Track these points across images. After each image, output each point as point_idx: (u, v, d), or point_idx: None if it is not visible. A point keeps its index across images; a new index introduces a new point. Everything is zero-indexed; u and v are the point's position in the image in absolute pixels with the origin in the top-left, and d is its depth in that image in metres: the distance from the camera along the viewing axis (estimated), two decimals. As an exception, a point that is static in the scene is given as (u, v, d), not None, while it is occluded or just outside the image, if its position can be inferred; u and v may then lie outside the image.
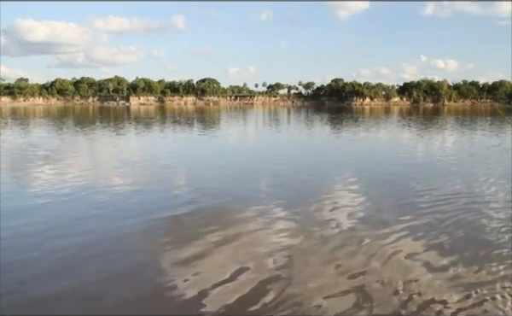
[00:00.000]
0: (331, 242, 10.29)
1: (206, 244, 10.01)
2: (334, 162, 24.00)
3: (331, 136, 42.93)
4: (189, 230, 11.08)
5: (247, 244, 10.14)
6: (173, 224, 11.67)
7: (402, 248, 9.97)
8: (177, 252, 9.56)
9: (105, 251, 9.68)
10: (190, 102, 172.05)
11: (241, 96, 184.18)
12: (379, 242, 10.32)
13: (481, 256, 9.52)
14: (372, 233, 10.95)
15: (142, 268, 8.82)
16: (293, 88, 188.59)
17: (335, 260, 9.14)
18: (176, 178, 18.48)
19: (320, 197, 14.74)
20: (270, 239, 10.46)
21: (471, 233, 11.18)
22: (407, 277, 8.32)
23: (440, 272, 8.66)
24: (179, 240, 10.29)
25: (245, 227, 11.37)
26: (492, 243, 10.33)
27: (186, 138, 38.67)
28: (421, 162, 24.25)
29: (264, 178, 18.30)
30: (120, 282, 8.23)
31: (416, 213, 12.83)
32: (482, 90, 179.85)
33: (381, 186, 16.98)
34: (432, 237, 10.77)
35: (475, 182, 18.01)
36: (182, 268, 8.67)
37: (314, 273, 8.48)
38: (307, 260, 9.13)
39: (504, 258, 9.35)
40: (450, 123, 62.63)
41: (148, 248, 9.93)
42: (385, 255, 9.41)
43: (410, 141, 38.00)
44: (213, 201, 14.11)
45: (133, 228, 11.30)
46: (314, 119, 70.17)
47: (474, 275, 8.48)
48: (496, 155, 27.80)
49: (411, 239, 10.58)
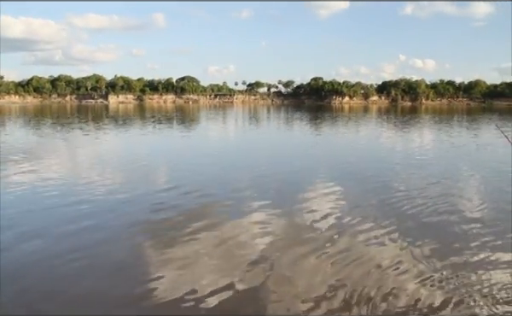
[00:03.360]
0: (313, 242, 10.29)
1: (187, 245, 9.93)
2: (315, 161, 24.07)
3: (311, 134, 43.05)
4: (170, 231, 10.95)
5: (229, 244, 10.09)
6: (153, 224, 11.53)
7: (381, 247, 10.08)
8: (157, 252, 9.48)
9: (86, 254, 9.48)
10: (170, 100, 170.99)
11: (221, 94, 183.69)
12: (359, 240, 10.42)
13: (460, 253, 9.64)
14: (353, 232, 11.05)
15: (124, 269, 8.71)
16: (273, 86, 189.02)
17: (314, 263, 9.11)
18: (156, 178, 18.36)
19: (302, 197, 14.77)
20: (251, 240, 10.44)
21: (451, 231, 11.36)
22: (386, 277, 8.40)
23: (416, 275, 8.71)
24: (159, 240, 10.20)
25: (226, 227, 11.32)
26: (472, 243, 10.48)
27: (166, 137, 38.52)
28: (399, 161, 24.48)
29: (245, 177, 18.23)
30: (101, 284, 8.08)
31: (395, 212, 13.01)
32: (458, 89, 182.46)
33: (361, 183, 17.19)
34: (409, 234, 10.86)
35: (452, 179, 18.40)
36: (163, 269, 8.57)
37: (296, 273, 8.51)
38: (288, 261, 9.12)
39: (485, 254, 9.57)
40: (428, 121, 63.40)
41: (129, 249, 9.80)
42: (364, 255, 9.48)
43: (389, 139, 38.43)
44: (194, 200, 14.01)
45: (113, 229, 11.17)
46: (294, 118, 70.33)
47: (454, 273, 8.57)
48: (471, 152, 28.40)
49: (391, 237, 10.67)
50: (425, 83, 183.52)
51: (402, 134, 43.32)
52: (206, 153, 27.55)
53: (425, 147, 32.80)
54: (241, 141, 38.00)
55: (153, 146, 31.05)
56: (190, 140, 36.56)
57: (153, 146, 31.05)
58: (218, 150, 29.25)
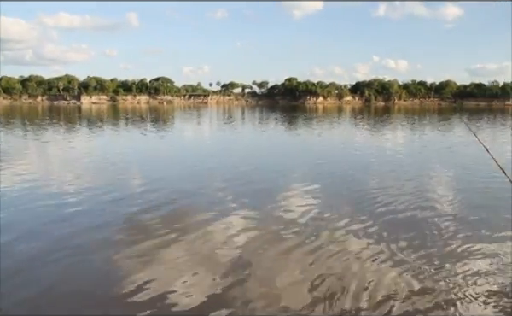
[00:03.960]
0: (291, 239, 10.40)
1: (165, 246, 9.85)
2: (292, 161, 24.19)
3: (286, 135, 43.18)
4: (146, 232, 10.80)
5: (207, 244, 10.07)
6: (129, 226, 11.35)
7: (355, 244, 10.24)
8: (133, 254, 9.37)
9: (60, 256, 9.30)
10: (144, 101, 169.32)
11: (196, 95, 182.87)
12: (337, 236, 10.59)
13: (433, 248, 9.89)
14: (330, 228, 11.21)
15: (98, 271, 8.63)
16: (248, 87, 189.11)
17: (294, 260, 9.22)
18: (132, 180, 18.06)
19: (279, 195, 14.83)
20: (229, 239, 10.42)
21: (425, 225, 11.61)
22: (363, 274, 8.54)
23: (393, 266, 8.95)
24: (135, 242, 10.07)
25: (204, 228, 11.24)
26: (445, 235, 10.84)
27: (141, 138, 38.04)
28: (373, 159, 24.78)
29: (221, 177, 18.14)
30: (77, 286, 7.97)
31: (371, 208, 13.28)
32: (430, 89, 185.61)
33: (337, 181, 17.49)
34: (386, 229, 11.13)
35: (425, 176, 18.81)
36: (137, 271, 8.46)
37: (273, 273, 8.53)
38: (265, 260, 9.18)
39: (457, 250, 9.82)
40: (401, 121, 64.33)
41: (102, 251, 9.64)
42: (343, 250, 9.65)
43: (363, 138, 38.89)
44: (170, 202, 13.86)
45: (87, 231, 10.95)
46: (268, 118, 70.47)
47: (430, 263, 8.83)
48: (442, 150, 28.97)
49: (365, 235, 10.84)
50: (397, 83, 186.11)
51: (376, 134, 43.85)
52: (182, 154, 27.48)
53: (398, 146, 33.32)
54: (217, 142, 37.81)
55: (128, 148, 30.60)
56: (165, 142, 36.22)
57: (128, 148, 30.60)
58: (194, 152, 29.14)
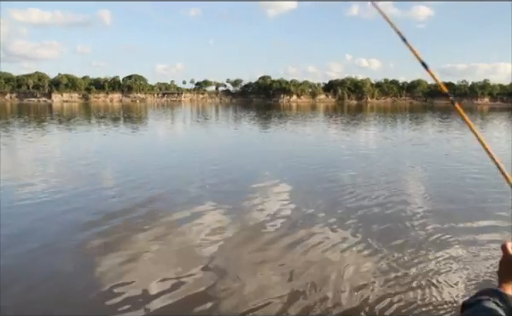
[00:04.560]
0: (264, 236, 10.42)
1: (137, 248, 9.63)
2: (265, 158, 24.25)
3: (260, 133, 43.18)
4: (119, 233, 10.59)
5: (179, 244, 9.97)
6: (101, 226, 11.05)
7: (331, 236, 10.43)
8: (105, 257, 9.13)
9: (28, 259, 9.04)
10: (116, 99, 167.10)
11: (169, 93, 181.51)
12: (311, 232, 10.65)
13: (407, 239, 10.18)
14: (305, 224, 11.30)
15: (69, 273, 8.41)
16: (222, 85, 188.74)
17: (270, 254, 9.27)
18: (104, 179, 17.60)
19: (252, 193, 14.79)
20: (201, 239, 10.29)
21: (396, 224, 11.81)
22: (338, 270, 8.72)
23: (369, 256, 9.21)
24: (108, 244, 9.84)
25: (178, 226, 11.17)
26: (417, 233, 11.07)
27: (114, 137, 37.51)
28: (347, 156, 25.05)
29: (195, 176, 17.90)
30: (48, 288, 7.76)
31: (345, 204, 13.47)
32: (402, 88, 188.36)
33: (310, 178, 17.61)
34: (359, 224, 11.34)
35: (397, 172, 19.29)
36: (110, 273, 8.28)
37: (250, 269, 8.56)
38: (241, 256, 9.20)
39: (428, 245, 10.11)
40: (374, 119, 65.14)
41: (74, 252, 9.41)
42: (316, 247, 9.70)
43: (336, 136, 39.24)
44: (142, 201, 13.54)
45: (57, 232, 10.69)
46: (242, 117, 70.40)
47: (399, 263, 9.03)
48: (414, 147, 29.52)
49: (341, 228, 11.02)
50: (370, 82, 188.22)
51: (349, 131, 44.28)
52: (155, 153, 27.23)
53: (371, 143, 33.77)
54: (190, 140, 37.61)
55: (101, 146, 30.17)
56: (138, 140, 35.81)
57: (101, 146, 30.17)
58: (167, 150, 28.90)
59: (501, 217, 11.82)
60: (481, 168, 18.73)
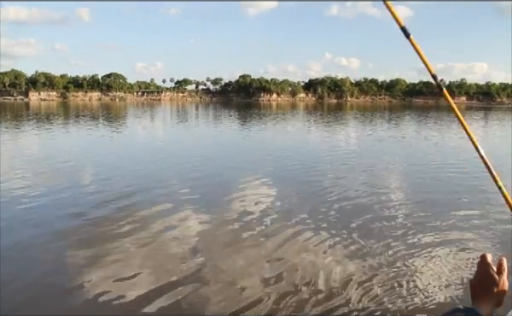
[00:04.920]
0: (244, 234, 10.41)
1: (117, 246, 9.51)
2: (244, 157, 24.26)
3: (240, 131, 43.14)
4: (99, 232, 10.44)
5: (161, 243, 9.87)
6: (80, 226, 10.88)
7: (311, 232, 10.51)
8: (85, 254, 9.01)
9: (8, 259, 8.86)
10: (95, 97, 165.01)
11: (149, 91, 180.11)
12: (291, 228, 10.70)
13: (387, 234, 10.36)
14: (284, 221, 11.33)
15: (50, 274, 8.25)
16: (202, 84, 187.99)
17: (249, 251, 9.29)
18: (83, 179, 17.24)
19: (232, 191, 14.72)
20: (183, 238, 10.23)
21: (376, 215, 12.04)
22: (320, 260, 8.87)
23: (348, 251, 9.33)
24: (88, 243, 9.67)
25: (157, 224, 11.04)
26: (394, 229, 11.20)
27: (93, 136, 37.10)
28: (327, 153, 25.22)
29: (175, 175, 17.86)
30: (26, 290, 7.57)
31: (324, 200, 13.58)
32: (381, 87, 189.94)
33: (291, 176, 17.78)
34: (339, 219, 11.55)
35: (377, 168, 19.59)
36: (91, 271, 8.15)
37: (229, 265, 8.54)
38: (221, 253, 9.19)
39: (404, 235, 10.31)
40: (354, 117, 65.66)
41: (53, 253, 9.21)
42: (297, 245, 9.73)
43: (317, 134, 39.48)
44: (122, 199, 13.41)
45: (36, 233, 10.45)
46: (222, 116, 70.28)
47: (376, 257, 9.13)
48: (393, 144, 29.91)
49: (320, 223, 11.12)
50: (350, 81, 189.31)
51: (330, 129, 44.57)
52: (134, 152, 27.01)
53: (351, 140, 34.04)
54: (169, 139, 37.35)
55: (79, 146, 29.79)
56: (119, 139, 35.49)
57: (79, 146, 29.79)
58: (146, 149, 28.63)
59: (477, 213, 12.12)
60: (459, 165, 19.11)
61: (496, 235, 10.36)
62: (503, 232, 10.46)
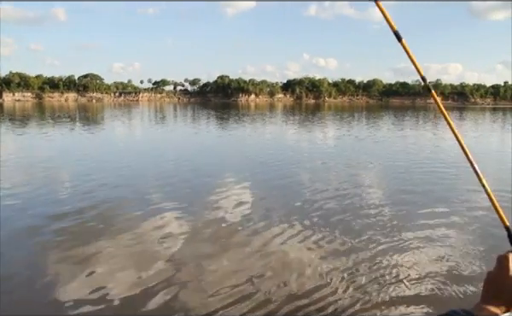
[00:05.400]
0: (223, 236, 10.29)
1: (95, 248, 9.27)
2: (222, 159, 24.22)
3: (218, 133, 43.01)
4: (77, 234, 10.20)
5: (138, 244, 9.71)
6: (57, 229, 10.59)
7: (291, 232, 10.58)
8: (63, 256, 8.86)
9: None
10: (72, 98, 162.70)
11: (126, 92, 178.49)
12: (271, 230, 10.64)
13: (367, 231, 10.53)
14: (264, 222, 11.25)
15: (28, 276, 8.04)
16: (180, 84, 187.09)
17: (228, 254, 9.19)
18: (60, 181, 16.73)
19: (211, 193, 14.44)
20: (161, 240, 9.98)
21: (356, 214, 12.21)
22: (299, 259, 9.00)
23: (329, 250, 9.49)
24: (65, 246, 9.47)
25: (136, 227, 10.77)
26: (374, 224, 11.46)
27: (69, 138, 36.60)
28: (306, 153, 25.45)
29: (153, 177, 17.38)
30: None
31: (304, 200, 13.63)
32: (358, 87, 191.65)
33: (269, 176, 17.78)
34: (319, 225, 11.53)
35: (355, 168, 19.88)
36: (69, 273, 8.01)
37: (208, 268, 8.41)
38: (199, 255, 9.05)
39: (381, 233, 10.53)
40: (332, 118, 66.18)
41: (32, 254, 9.06)
42: (274, 245, 9.69)
43: (296, 134, 39.69)
44: (99, 202, 13.07)
45: (14, 234, 10.26)
46: (200, 116, 70.06)
47: (358, 253, 9.37)
48: (371, 144, 30.26)
49: (300, 223, 11.16)
50: (327, 81, 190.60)
51: (308, 129, 44.86)
52: (111, 154, 26.68)
53: (330, 140, 34.30)
54: (147, 140, 36.91)
55: (57, 148, 29.29)
56: (96, 141, 34.99)
57: (57, 148, 29.29)
58: (124, 151, 28.32)
59: (455, 209, 12.45)
60: (438, 163, 19.46)
61: (474, 229, 10.65)
62: (481, 227, 10.76)
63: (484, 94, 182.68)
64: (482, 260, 8.64)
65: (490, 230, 10.12)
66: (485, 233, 10.20)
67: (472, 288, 7.38)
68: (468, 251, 9.17)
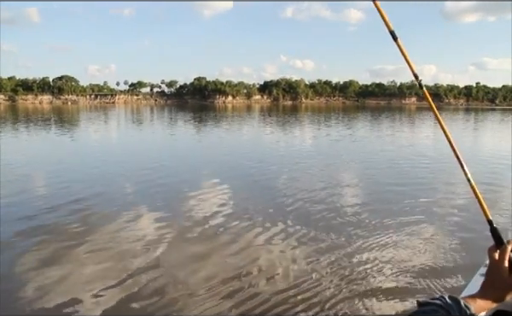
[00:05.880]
0: (202, 238, 10.20)
1: (69, 250, 9.14)
2: (201, 161, 24.10)
3: (195, 135, 42.76)
4: (50, 236, 10.04)
5: (116, 247, 9.48)
6: (32, 232, 10.31)
7: (269, 233, 10.70)
8: (36, 261, 8.61)
9: None
10: (46, 101, 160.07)
11: (102, 94, 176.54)
12: (249, 230, 10.62)
13: (344, 232, 10.71)
14: (242, 226, 11.11)
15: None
16: (156, 86, 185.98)
17: (208, 255, 9.09)
18: (33, 185, 16.27)
19: (188, 195, 14.19)
20: (138, 243, 9.76)
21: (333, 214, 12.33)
22: (278, 260, 9.09)
23: (306, 250, 9.62)
24: (38, 248, 9.26)
25: (113, 230, 10.55)
26: (353, 221, 11.65)
27: (43, 140, 35.93)
28: (283, 153, 25.57)
29: (129, 180, 16.94)
30: None
31: (281, 201, 13.59)
32: (335, 88, 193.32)
33: (247, 178, 17.81)
34: (298, 224, 11.65)
35: (332, 167, 20.20)
36: (44, 277, 7.84)
37: (187, 270, 8.40)
38: (178, 258, 8.97)
39: (360, 232, 10.70)
40: (309, 119, 66.54)
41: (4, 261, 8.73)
42: (254, 246, 9.67)
43: (274, 135, 39.84)
44: (74, 205, 12.66)
45: None
46: (177, 118, 69.62)
47: (335, 250, 9.50)
48: (348, 144, 30.61)
49: (277, 224, 11.12)
50: (304, 83, 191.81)
51: (286, 130, 45.05)
52: (87, 156, 26.28)
53: (307, 140, 34.55)
54: (124, 143, 36.37)
55: (29, 151, 28.76)
56: (70, 143, 34.39)
57: (29, 151, 28.76)
58: (100, 154, 27.73)
59: (433, 206, 12.69)
60: (414, 160, 19.79)
61: (451, 224, 10.90)
62: (458, 222, 11.03)
63: (457, 95, 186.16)
64: (459, 252, 8.86)
65: (465, 224, 10.48)
66: (461, 228, 10.51)
67: (449, 279, 7.57)
68: (445, 244, 9.38)
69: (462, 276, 7.64)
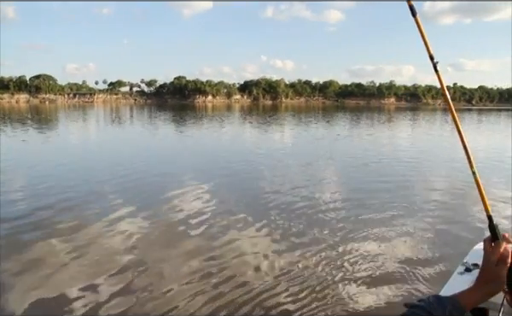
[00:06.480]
0: (184, 239, 10.03)
1: (50, 257, 8.80)
2: (181, 162, 23.91)
3: (174, 135, 42.38)
4: (30, 242, 9.66)
5: (97, 249, 9.25)
6: (9, 235, 10.08)
7: (251, 232, 10.72)
8: (12, 261, 8.45)
9: None
10: (23, 100, 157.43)
11: (81, 93, 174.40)
12: (231, 229, 10.65)
13: (325, 230, 10.86)
14: (225, 226, 10.97)
15: None
16: (136, 86, 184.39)
17: (190, 257, 8.90)
18: (9, 183, 15.75)
19: (170, 196, 13.93)
20: (118, 244, 9.64)
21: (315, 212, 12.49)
22: (259, 260, 9.03)
23: (288, 249, 9.72)
24: (18, 250, 9.10)
25: (93, 233, 10.31)
26: (337, 218, 11.85)
27: (20, 141, 35.39)
28: (264, 152, 25.65)
29: (108, 181, 16.40)
30: None
31: (263, 200, 13.55)
32: (315, 88, 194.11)
33: (228, 177, 17.75)
34: (279, 222, 11.66)
35: (313, 165, 20.35)
36: (21, 279, 7.67)
37: (170, 272, 8.18)
38: (159, 262, 8.86)
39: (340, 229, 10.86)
40: (289, 118, 66.82)
41: None
42: (233, 244, 9.59)
43: (253, 135, 39.90)
44: (52, 206, 12.42)
45: None
46: (157, 118, 69.12)
47: (318, 249, 9.63)
48: (329, 143, 30.84)
49: (260, 223, 11.13)
50: (284, 82, 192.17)
51: (266, 130, 45.17)
52: (65, 156, 26.01)
53: (288, 139, 34.72)
54: (103, 142, 35.75)
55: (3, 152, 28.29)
56: (48, 144, 33.55)
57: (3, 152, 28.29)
58: (78, 154, 27.11)
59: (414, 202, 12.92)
60: (396, 158, 20.06)
61: (433, 218, 11.10)
62: (441, 215, 11.26)
63: (435, 95, 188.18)
64: (440, 245, 9.06)
65: (447, 217, 10.70)
66: (443, 221, 10.73)
67: (430, 270, 7.74)
68: (426, 237, 9.56)
69: (443, 266, 7.82)
